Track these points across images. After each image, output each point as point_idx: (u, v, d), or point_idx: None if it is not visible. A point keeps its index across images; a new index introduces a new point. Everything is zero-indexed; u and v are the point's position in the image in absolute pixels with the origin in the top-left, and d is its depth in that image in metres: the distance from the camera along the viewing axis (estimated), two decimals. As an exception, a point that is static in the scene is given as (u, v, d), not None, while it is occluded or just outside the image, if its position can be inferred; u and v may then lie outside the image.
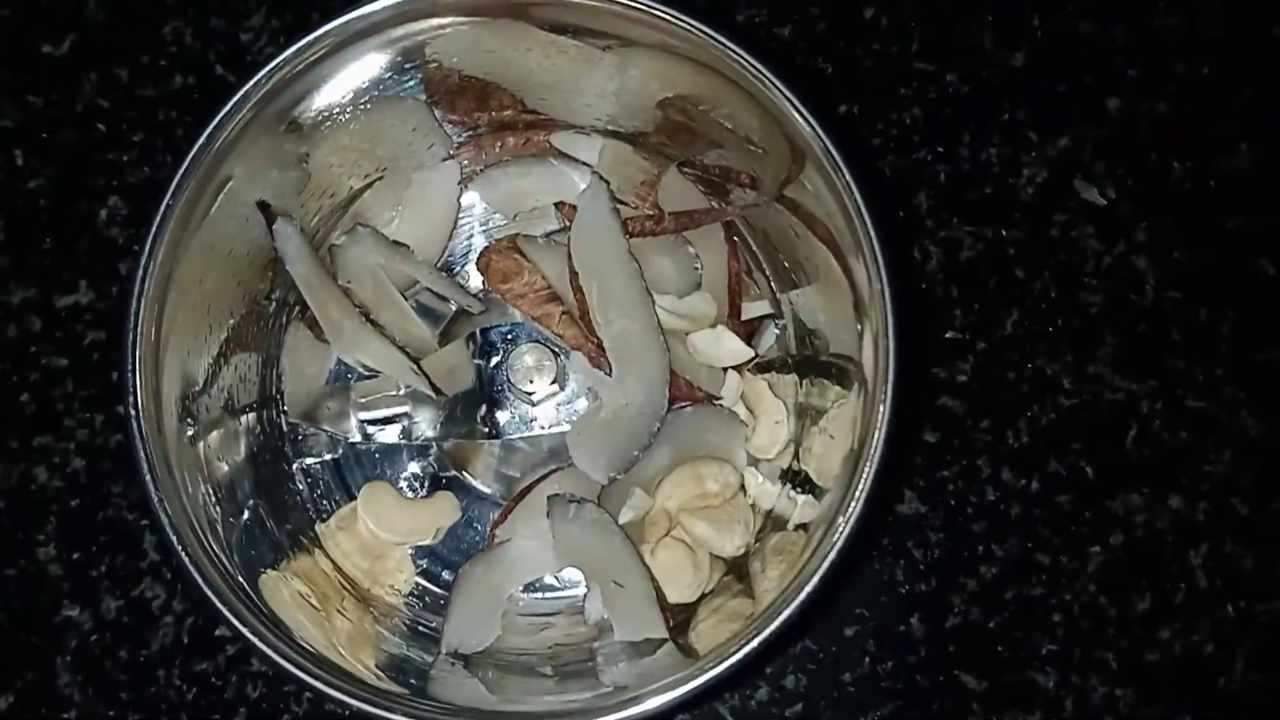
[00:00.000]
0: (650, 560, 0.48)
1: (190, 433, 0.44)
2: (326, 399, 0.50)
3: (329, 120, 0.47)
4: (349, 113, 0.47)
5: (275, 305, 0.50)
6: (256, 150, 0.45)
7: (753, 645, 0.40)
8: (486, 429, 0.49)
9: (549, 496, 0.48)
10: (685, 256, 0.51)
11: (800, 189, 0.46)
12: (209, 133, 0.42)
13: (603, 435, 0.48)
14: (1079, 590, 0.54)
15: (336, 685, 0.40)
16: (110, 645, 0.53)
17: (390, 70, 0.47)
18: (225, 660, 0.53)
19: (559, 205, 0.52)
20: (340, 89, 0.47)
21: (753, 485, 0.50)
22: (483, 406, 0.49)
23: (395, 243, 0.50)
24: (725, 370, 0.50)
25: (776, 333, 0.51)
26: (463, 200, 0.52)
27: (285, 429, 0.51)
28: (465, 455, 0.52)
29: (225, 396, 0.47)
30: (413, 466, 0.52)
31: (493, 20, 0.46)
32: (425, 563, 0.51)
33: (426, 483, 0.52)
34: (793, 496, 0.49)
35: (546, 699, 0.46)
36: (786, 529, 0.48)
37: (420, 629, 0.50)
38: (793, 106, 0.43)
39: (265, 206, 0.46)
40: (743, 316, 0.51)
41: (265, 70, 0.43)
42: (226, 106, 0.43)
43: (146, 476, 0.40)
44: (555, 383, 0.49)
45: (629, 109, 0.49)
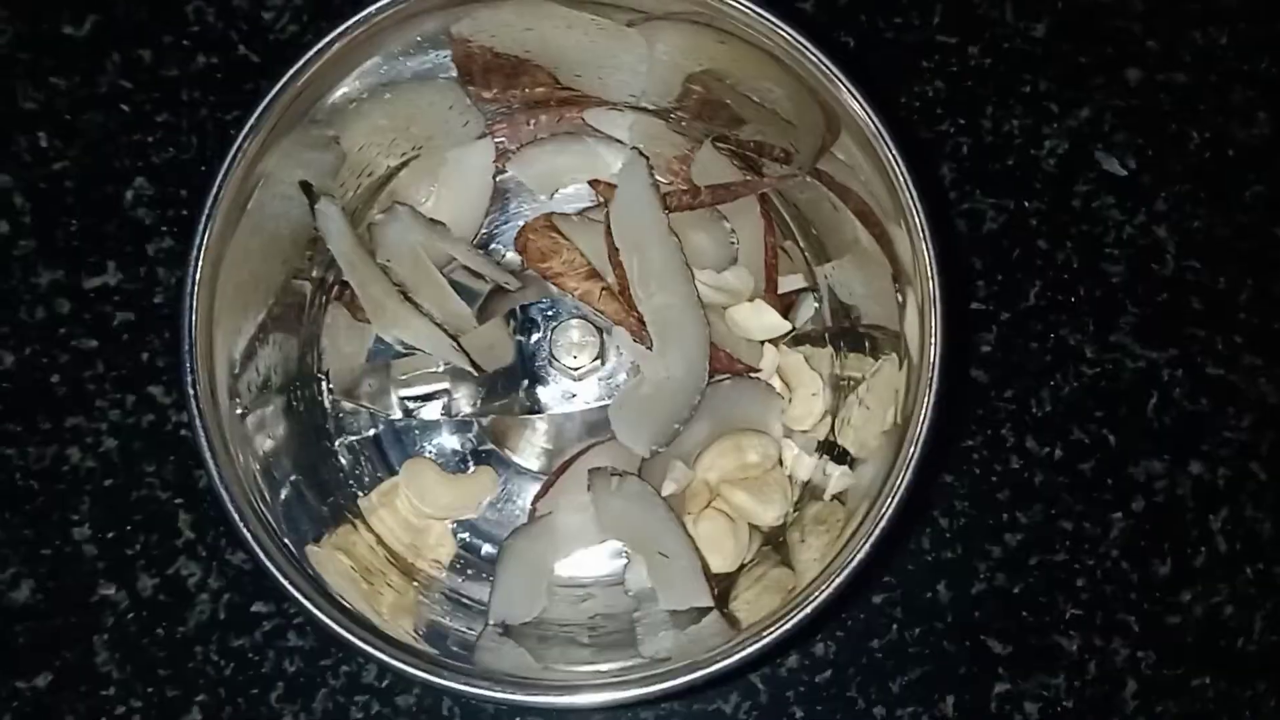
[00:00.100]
0: (693, 531, 0.48)
1: (238, 411, 0.44)
2: (367, 376, 0.50)
3: (363, 102, 0.47)
4: (382, 95, 0.47)
5: (314, 285, 0.50)
6: (294, 136, 0.45)
7: (806, 612, 0.40)
8: (528, 404, 0.49)
9: (590, 470, 0.49)
10: (721, 232, 0.51)
11: (833, 161, 0.46)
12: (252, 123, 0.42)
13: (644, 409, 0.48)
14: (1102, 555, 0.55)
15: (394, 654, 0.41)
16: (147, 623, 0.53)
17: (422, 51, 0.47)
18: (262, 635, 0.53)
19: (594, 183, 0.52)
20: (373, 72, 0.46)
21: (789, 457, 0.50)
22: (524, 382, 0.49)
23: (433, 220, 0.50)
24: (763, 343, 0.51)
25: (815, 306, 0.51)
26: (496, 179, 0.52)
27: (327, 406, 0.51)
28: (505, 430, 0.52)
29: (267, 375, 0.47)
30: (453, 442, 0.53)
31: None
32: (467, 536, 0.52)
33: (467, 458, 0.53)
34: (829, 468, 0.49)
35: (586, 668, 0.46)
36: (823, 499, 0.48)
37: (462, 600, 0.50)
38: (831, 74, 0.43)
39: (308, 187, 0.46)
40: (779, 290, 0.51)
41: (301, 61, 0.43)
42: (266, 99, 0.42)
43: (207, 454, 0.41)
44: (598, 358, 0.49)
45: (660, 84, 0.49)
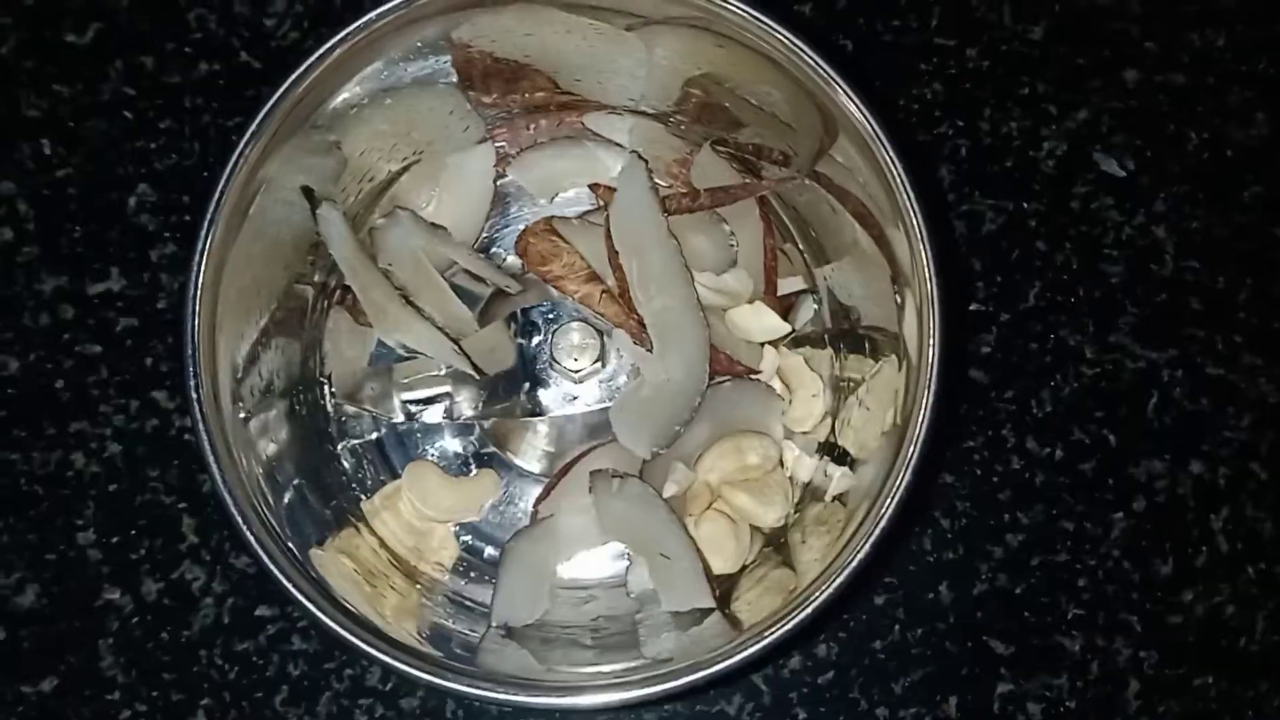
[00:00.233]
0: (694, 532, 0.48)
1: (241, 415, 0.44)
2: (369, 380, 0.51)
3: (364, 108, 0.47)
4: (383, 100, 0.47)
5: (316, 290, 0.50)
6: (296, 142, 0.45)
7: (807, 613, 0.40)
8: (530, 406, 0.50)
9: (592, 472, 0.49)
10: (721, 234, 0.51)
11: (831, 163, 0.47)
12: (253, 129, 0.43)
13: (645, 411, 0.48)
14: (1103, 555, 0.55)
15: (398, 657, 0.41)
16: (151, 627, 0.53)
17: (423, 56, 0.47)
18: (266, 639, 0.53)
19: (594, 186, 0.52)
20: (374, 78, 0.47)
21: (790, 458, 0.50)
22: (525, 385, 0.49)
23: (434, 225, 0.50)
24: (763, 345, 0.51)
25: (815, 307, 0.51)
26: (497, 183, 0.52)
27: (330, 410, 0.51)
28: (507, 433, 0.52)
29: (270, 379, 0.48)
30: (455, 445, 0.53)
31: (512, 5, 0.46)
32: (469, 539, 0.52)
33: (469, 460, 0.53)
34: (829, 469, 0.49)
35: (589, 669, 0.46)
36: (824, 500, 0.48)
37: (465, 602, 0.50)
38: (830, 77, 0.43)
39: (309, 192, 0.47)
40: (779, 292, 0.51)
41: (303, 68, 0.43)
42: (267, 105, 0.43)
43: (210, 458, 0.41)
44: (599, 361, 0.49)
45: (659, 88, 0.50)
